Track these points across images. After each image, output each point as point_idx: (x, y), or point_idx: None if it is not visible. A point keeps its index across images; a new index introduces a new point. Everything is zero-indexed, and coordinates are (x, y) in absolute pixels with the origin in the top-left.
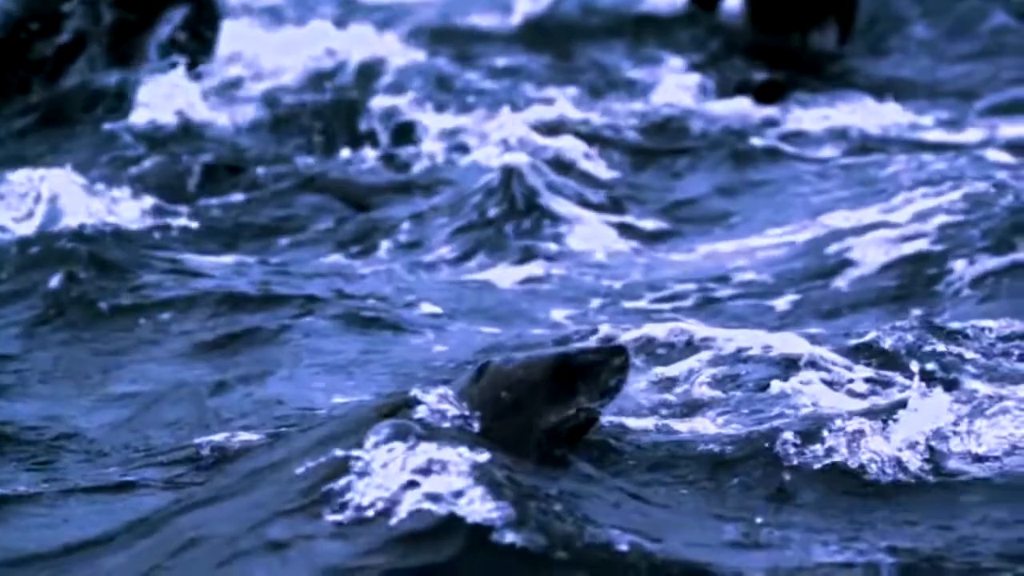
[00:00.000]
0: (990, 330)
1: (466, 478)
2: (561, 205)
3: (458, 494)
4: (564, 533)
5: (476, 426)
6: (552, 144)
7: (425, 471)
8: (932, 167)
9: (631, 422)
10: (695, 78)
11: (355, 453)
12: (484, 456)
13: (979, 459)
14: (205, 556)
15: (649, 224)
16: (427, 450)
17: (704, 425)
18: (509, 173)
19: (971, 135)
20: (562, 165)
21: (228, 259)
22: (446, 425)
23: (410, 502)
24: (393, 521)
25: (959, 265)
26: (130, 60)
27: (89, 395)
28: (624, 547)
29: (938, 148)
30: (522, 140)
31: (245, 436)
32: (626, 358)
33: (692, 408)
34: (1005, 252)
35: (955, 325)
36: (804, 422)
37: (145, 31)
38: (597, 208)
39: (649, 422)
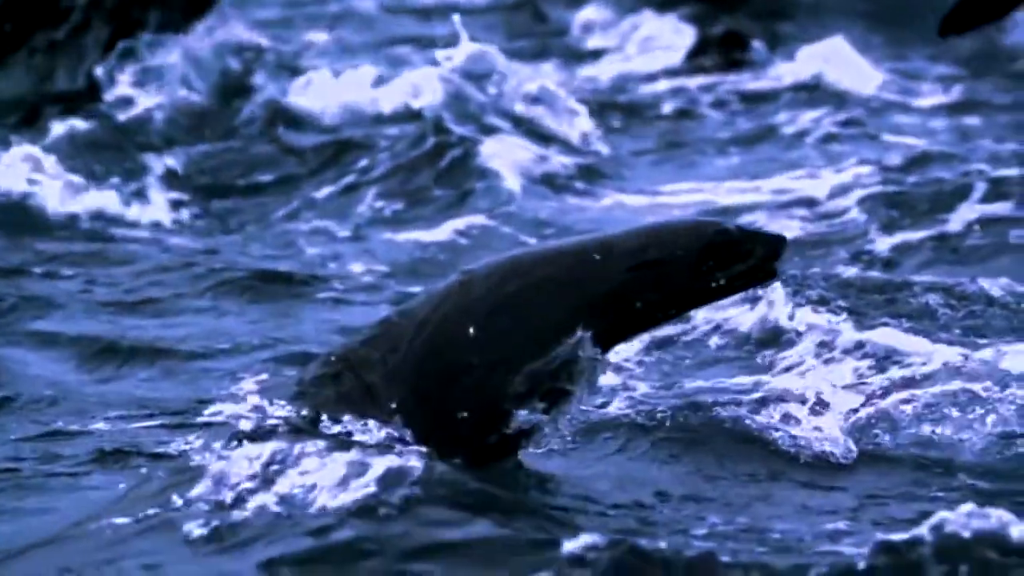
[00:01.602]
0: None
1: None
2: (486, 157)
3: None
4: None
5: None
6: (479, 97)
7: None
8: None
9: None
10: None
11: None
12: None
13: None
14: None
15: (571, 174)
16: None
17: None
18: (434, 124)
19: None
20: (491, 117)
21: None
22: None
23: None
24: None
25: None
26: None
27: None
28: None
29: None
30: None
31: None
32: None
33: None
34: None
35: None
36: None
37: None
38: (522, 161)
39: None
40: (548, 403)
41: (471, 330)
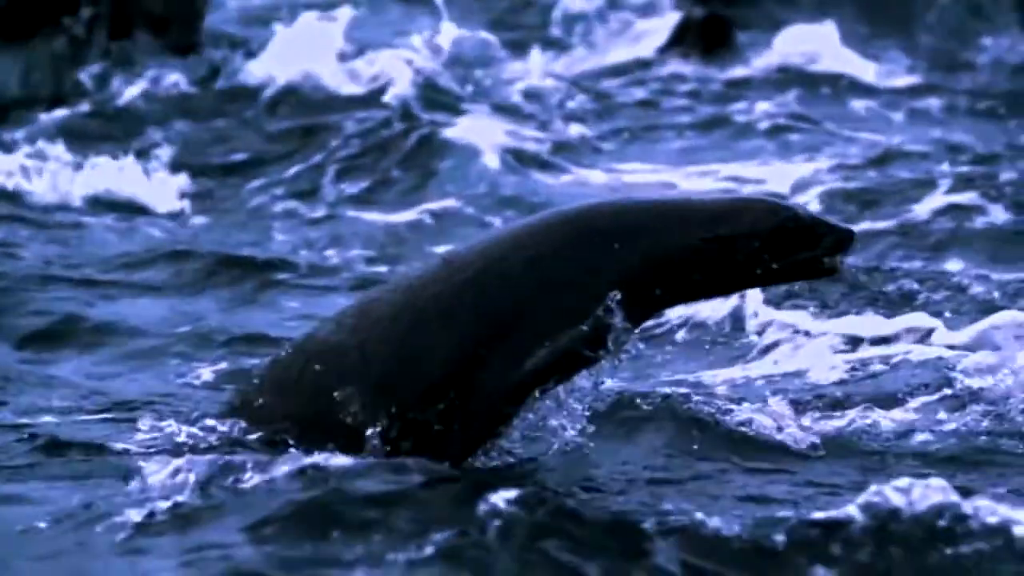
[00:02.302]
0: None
1: None
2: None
3: None
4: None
5: None
6: (455, 79)
7: None
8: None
9: None
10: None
11: None
12: None
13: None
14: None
15: (538, 153)
16: None
17: None
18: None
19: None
20: (466, 99)
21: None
22: None
23: None
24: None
25: None
26: None
27: None
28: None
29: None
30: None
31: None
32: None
33: None
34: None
35: None
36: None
37: None
38: (494, 142)
39: None
40: (566, 374)
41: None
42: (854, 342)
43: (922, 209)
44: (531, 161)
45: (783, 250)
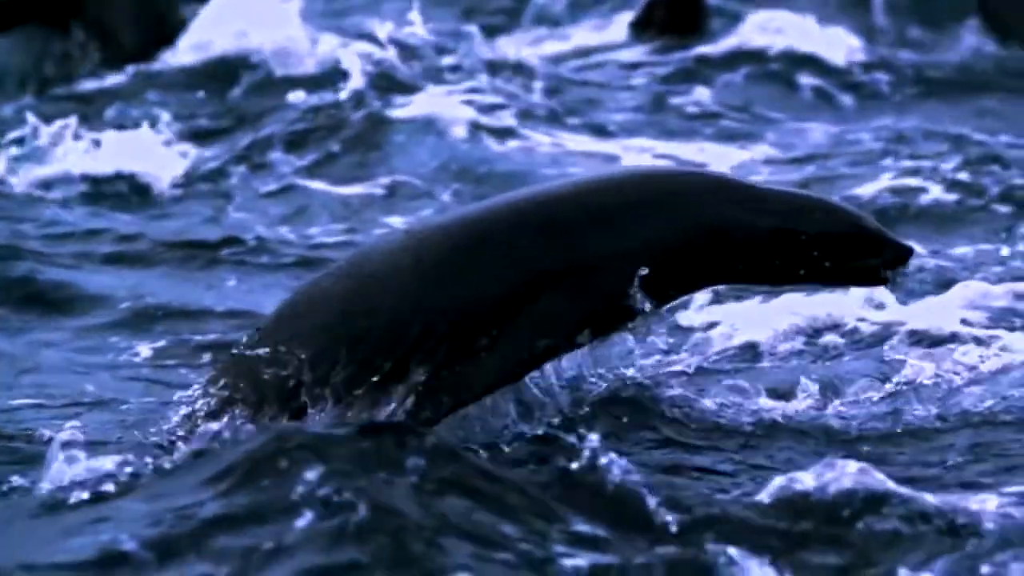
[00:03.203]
0: None
1: None
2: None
3: None
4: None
5: None
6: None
7: None
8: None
9: None
10: None
11: None
12: None
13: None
14: None
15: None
16: None
17: None
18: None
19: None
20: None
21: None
22: None
23: None
24: None
25: None
26: None
27: None
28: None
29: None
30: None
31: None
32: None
33: None
34: None
35: None
36: None
37: None
38: (445, 116)
39: None
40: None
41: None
42: (806, 319)
43: (867, 189)
44: (485, 136)
45: (845, 255)
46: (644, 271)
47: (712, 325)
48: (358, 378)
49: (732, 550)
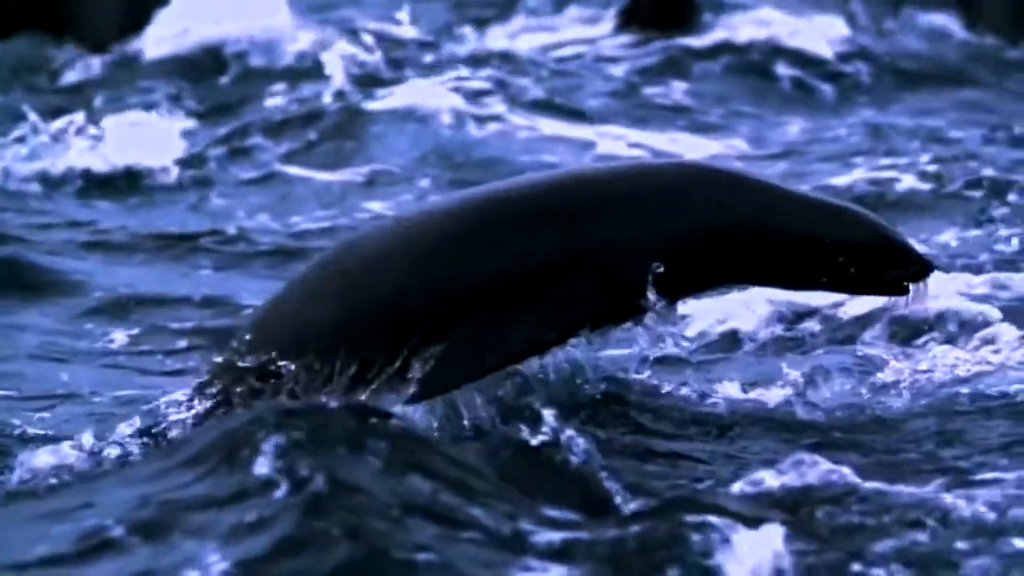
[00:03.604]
0: None
1: None
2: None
3: None
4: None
5: None
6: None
7: None
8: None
9: None
10: None
11: None
12: None
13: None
14: None
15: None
16: None
17: None
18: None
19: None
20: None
21: None
22: None
23: None
24: None
25: None
26: None
27: None
28: None
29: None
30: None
31: None
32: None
33: None
34: None
35: None
36: None
37: None
38: (427, 106)
39: None
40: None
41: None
42: (785, 307)
43: (842, 180)
44: (464, 123)
45: (869, 264)
46: (659, 268)
47: (691, 313)
48: (355, 367)
49: (696, 535)
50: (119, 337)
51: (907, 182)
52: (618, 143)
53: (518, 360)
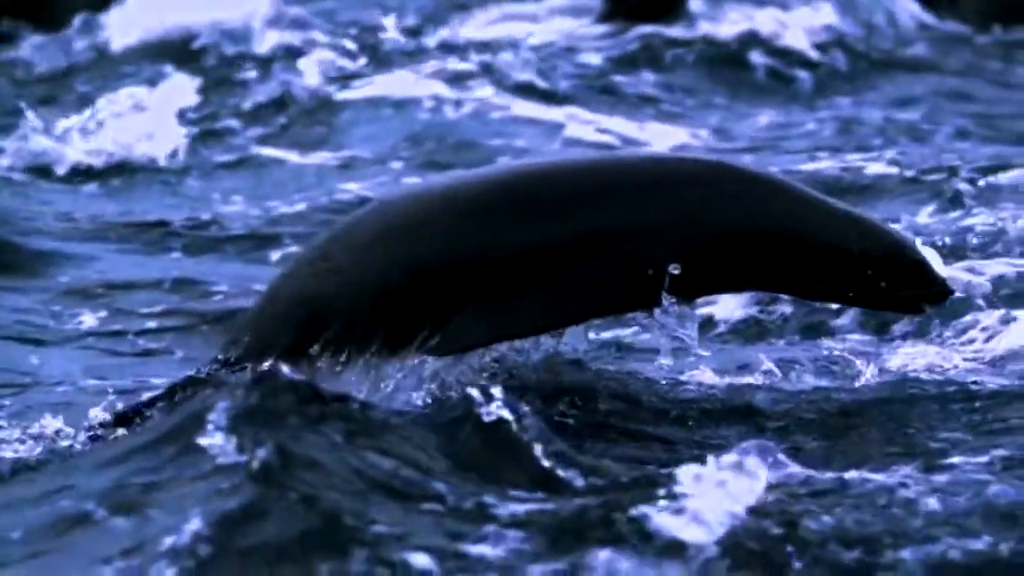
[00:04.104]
0: None
1: None
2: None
3: None
4: None
5: None
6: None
7: None
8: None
9: None
10: None
11: None
12: None
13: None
14: None
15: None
16: None
17: None
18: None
19: None
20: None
21: None
22: None
23: None
24: None
25: None
26: None
27: None
28: None
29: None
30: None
31: None
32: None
33: None
34: None
35: None
36: None
37: None
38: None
39: None
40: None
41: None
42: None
43: (810, 167)
44: (439, 108)
45: (891, 282)
46: (676, 269)
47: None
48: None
49: (654, 513)
50: (88, 320)
51: (876, 169)
52: (586, 128)
53: (536, 333)
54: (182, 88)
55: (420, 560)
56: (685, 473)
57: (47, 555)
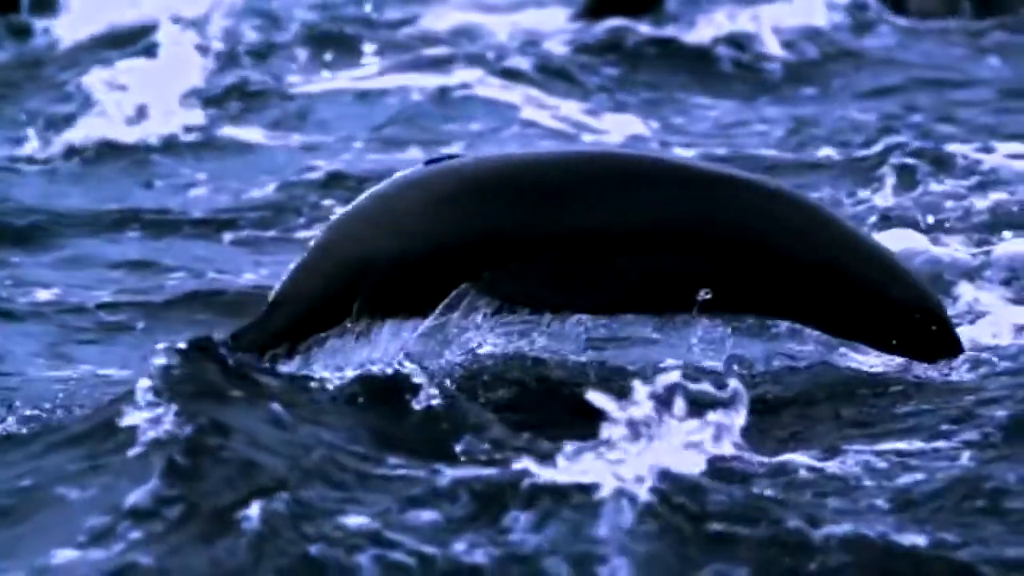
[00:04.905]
0: None
1: None
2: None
3: None
4: None
5: None
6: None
7: None
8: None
9: None
10: None
11: None
12: None
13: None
14: None
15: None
16: None
17: None
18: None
19: None
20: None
21: None
22: None
23: None
24: None
25: None
26: None
27: None
28: None
29: None
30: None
31: None
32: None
33: None
34: None
35: None
36: None
37: None
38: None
39: None
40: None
41: None
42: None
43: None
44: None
45: (915, 333)
46: (708, 295)
47: None
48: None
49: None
50: (44, 296)
51: (832, 155)
52: (542, 112)
53: (582, 311)
54: (145, 72)
55: (354, 521)
56: (611, 435)
57: None
